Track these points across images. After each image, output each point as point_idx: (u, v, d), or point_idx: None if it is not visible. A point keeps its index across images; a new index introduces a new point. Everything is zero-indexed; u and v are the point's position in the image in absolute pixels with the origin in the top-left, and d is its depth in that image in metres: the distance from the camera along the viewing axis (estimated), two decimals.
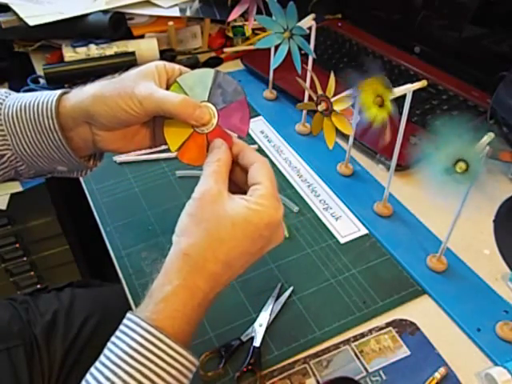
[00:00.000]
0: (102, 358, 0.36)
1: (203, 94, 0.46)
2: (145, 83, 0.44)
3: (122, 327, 0.37)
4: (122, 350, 0.35)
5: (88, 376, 0.35)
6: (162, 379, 0.34)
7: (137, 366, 0.34)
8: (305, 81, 0.67)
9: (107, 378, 0.34)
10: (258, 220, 0.39)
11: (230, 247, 0.38)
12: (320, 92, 0.57)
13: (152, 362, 0.34)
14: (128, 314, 0.37)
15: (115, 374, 0.34)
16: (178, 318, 0.36)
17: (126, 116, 0.44)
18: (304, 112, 0.76)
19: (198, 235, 0.38)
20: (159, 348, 0.35)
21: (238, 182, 0.44)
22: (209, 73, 0.46)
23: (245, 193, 0.41)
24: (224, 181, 0.41)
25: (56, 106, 0.45)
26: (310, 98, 0.60)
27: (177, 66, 0.47)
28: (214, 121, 0.45)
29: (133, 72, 0.46)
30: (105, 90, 0.44)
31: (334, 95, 0.55)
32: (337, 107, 0.55)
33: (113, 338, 0.36)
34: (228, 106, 0.45)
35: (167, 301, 0.37)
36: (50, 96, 0.45)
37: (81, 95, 0.45)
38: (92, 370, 0.35)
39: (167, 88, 0.46)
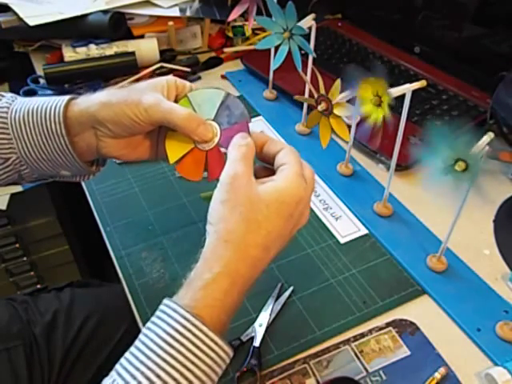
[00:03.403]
0: (137, 342, 0.35)
1: (210, 112, 0.46)
2: (153, 93, 0.45)
3: (158, 313, 0.36)
4: (157, 335, 0.34)
5: (123, 360, 0.35)
6: (197, 367, 0.34)
7: (172, 352, 0.34)
8: (305, 82, 0.67)
9: (142, 362, 0.34)
10: (289, 199, 0.39)
11: (268, 230, 0.38)
12: (322, 92, 0.57)
13: (188, 349, 0.34)
14: (165, 301, 0.37)
15: (149, 358, 0.34)
16: (217, 307, 0.36)
17: (130, 123, 0.44)
18: (304, 112, 0.76)
19: (236, 221, 0.37)
20: (196, 336, 0.34)
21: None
22: (219, 93, 0.47)
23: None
24: (251, 166, 0.41)
25: (64, 111, 0.45)
26: (310, 96, 0.60)
27: (188, 84, 0.48)
28: (216, 139, 0.46)
29: (143, 83, 0.47)
30: (113, 97, 0.45)
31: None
32: (337, 111, 0.55)
33: (148, 324, 0.36)
34: (231, 127, 0.46)
35: (207, 289, 0.36)
36: (57, 101, 0.46)
37: (89, 101, 0.46)
38: (127, 354, 0.35)
39: (175, 103, 0.47)
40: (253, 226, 0.38)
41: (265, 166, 0.45)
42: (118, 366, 0.35)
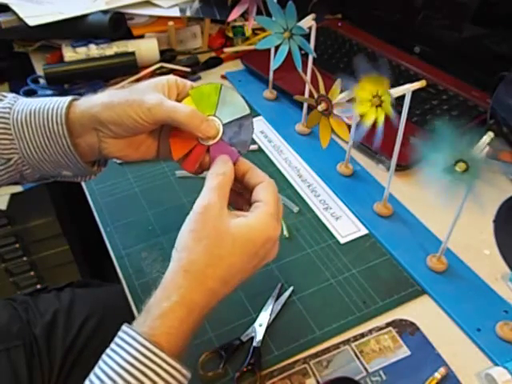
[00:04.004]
0: (96, 369, 0.36)
1: (226, 117, 0.47)
2: (154, 93, 0.45)
3: (117, 340, 0.37)
4: (116, 362, 0.35)
5: None
6: None
7: (130, 380, 0.34)
8: (305, 82, 0.67)
9: None
10: (256, 238, 0.40)
11: (229, 264, 0.39)
12: (322, 92, 0.57)
13: (147, 376, 0.35)
14: (124, 327, 0.37)
15: None
16: (174, 335, 0.37)
17: (133, 124, 0.44)
18: (304, 112, 0.76)
19: (199, 252, 0.38)
20: (155, 362, 0.35)
21: (233, 202, 0.45)
22: (244, 109, 0.47)
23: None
24: (225, 196, 0.41)
25: (66, 112, 0.45)
26: (310, 96, 0.60)
27: (188, 82, 0.48)
28: (219, 136, 0.46)
29: (143, 83, 0.47)
30: (114, 98, 0.45)
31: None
32: (337, 111, 0.55)
33: (108, 351, 0.37)
34: (225, 145, 0.46)
35: (164, 317, 0.37)
36: (59, 102, 0.46)
37: (90, 102, 0.46)
38: (86, 382, 0.35)
39: (179, 101, 0.47)
40: (215, 259, 0.39)
41: (242, 193, 0.45)
42: None
